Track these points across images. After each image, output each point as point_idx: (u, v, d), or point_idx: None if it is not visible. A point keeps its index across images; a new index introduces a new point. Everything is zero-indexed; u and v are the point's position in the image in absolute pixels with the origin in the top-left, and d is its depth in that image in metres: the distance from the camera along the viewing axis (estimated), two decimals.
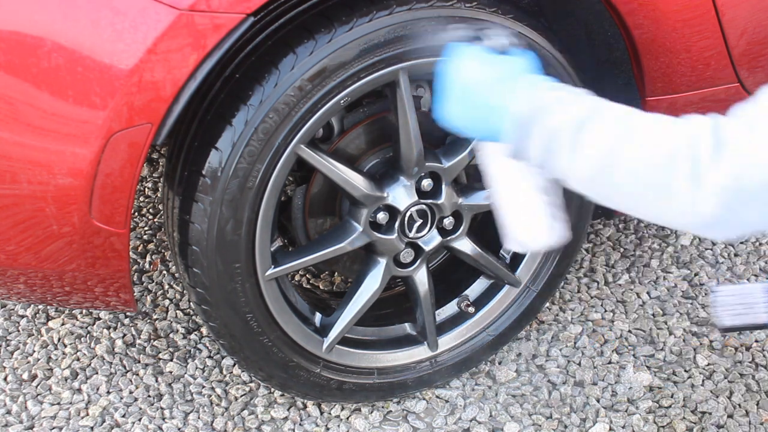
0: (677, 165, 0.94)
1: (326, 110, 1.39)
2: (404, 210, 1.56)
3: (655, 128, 0.99)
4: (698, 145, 0.93)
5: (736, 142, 0.92)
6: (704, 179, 0.92)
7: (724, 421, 1.73)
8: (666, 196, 0.96)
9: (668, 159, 0.95)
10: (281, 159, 1.39)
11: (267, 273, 1.49)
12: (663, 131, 0.98)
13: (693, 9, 1.50)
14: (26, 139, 1.23)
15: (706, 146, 0.93)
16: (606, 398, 1.78)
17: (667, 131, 0.98)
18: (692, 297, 2.04)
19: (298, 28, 1.37)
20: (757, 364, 1.86)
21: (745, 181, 0.91)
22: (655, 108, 1.60)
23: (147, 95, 1.21)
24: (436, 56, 1.25)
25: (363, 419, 1.74)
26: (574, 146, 1.00)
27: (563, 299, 2.02)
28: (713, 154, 0.92)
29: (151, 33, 1.18)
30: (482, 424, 1.73)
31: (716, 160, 0.92)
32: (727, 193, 0.92)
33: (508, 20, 1.47)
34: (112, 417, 1.75)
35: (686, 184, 0.93)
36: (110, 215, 1.31)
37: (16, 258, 1.36)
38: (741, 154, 0.91)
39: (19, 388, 1.82)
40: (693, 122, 0.97)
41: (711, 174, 0.92)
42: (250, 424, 1.73)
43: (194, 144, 1.41)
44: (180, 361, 1.87)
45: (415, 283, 1.67)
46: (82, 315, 1.99)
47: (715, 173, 0.92)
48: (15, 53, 1.18)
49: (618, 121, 1.01)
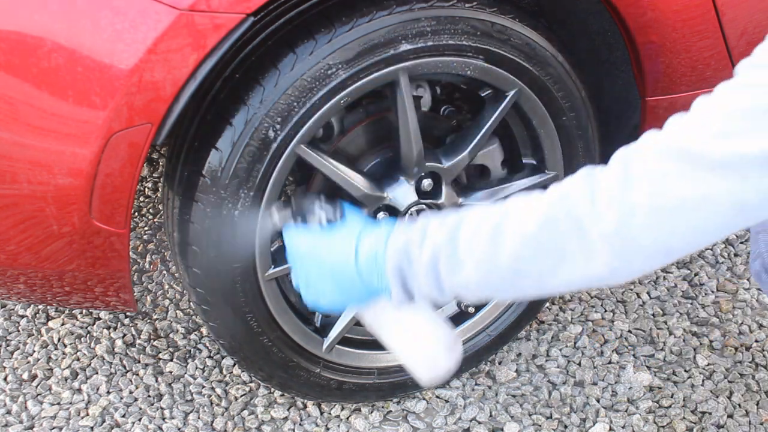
0: (561, 227, 0.93)
1: (326, 110, 1.39)
2: (404, 210, 1.56)
3: (528, 203, 0.97)
4: (576, 203, 0.92)
5: (609, 190, 0.90)
6: (588, 235, 0.91)
7: (724, 421, 1.73)
8: (560, 262, 0.94)
9: (551, 225, 0.93)
10: (281, 159, 1.39)
11: (267, 273, 1.49)
12: (537, 202, 0.96)
13: (693, 9, 1.50)
14: (26, 139, 1.22)
15: (584, 201, 0.91)
16: (606, 398, 1.78)
17: (541, 201, 0.96)
18: (692, 297, 2.04)
19: (298, 28, 1.37)
20: (757, 364, 1.86)
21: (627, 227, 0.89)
22: (655, 108, 1.60)
23: (147, 95, 1.21)
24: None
25: (363, 419, 1.74)
26: (455, 260, 0.98)
27: (563, 299, 2.02)
28: (591, 207, 0.91)
29: (151, 33, 1.18)
30: (482, 424, 1.73)
31: (595, 213, 0.90)
32: (613, 242, 0.90)
33: (508, 20, 1.47)
34: (112, 417, 1.75)
35: (574, 244, 0.92)
36: (110, 215, 1.31)
37: (16, 258, 1.36)
38: (615, 201, 0.89)
39: (19, 388, 1.82)
40: (564, 184, 0.96)
41: (593, 228, 0.90)
42: (250, 424, 1.73)
43: (194, 144, 1.41)
44: (180, 361, 1.87)
45: None
46: (82, 315, 1.99)
47: (596, 227, 0.90)
48: (15, 53, 1.18)
49: (486, 216, 0.99)
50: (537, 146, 1.63)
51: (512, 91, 1.52)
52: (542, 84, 1.53)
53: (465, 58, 1.45)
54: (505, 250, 0.96)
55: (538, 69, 1.51)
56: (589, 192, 0.92)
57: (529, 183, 1.66)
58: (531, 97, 1.54)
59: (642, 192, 0.88)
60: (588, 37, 1.65)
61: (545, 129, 1.59)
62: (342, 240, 1.09)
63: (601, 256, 0.91)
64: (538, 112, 1.57)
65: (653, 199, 0.88)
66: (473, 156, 1.58)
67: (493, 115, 1.54)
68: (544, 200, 0.96)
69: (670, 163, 0.88)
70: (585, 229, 0.91)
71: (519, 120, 1.61)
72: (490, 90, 1.55)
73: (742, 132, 0.84)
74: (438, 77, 1.55)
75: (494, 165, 1.69)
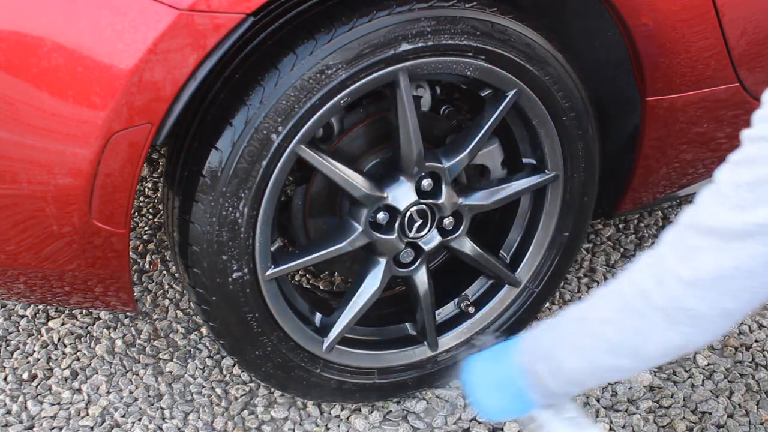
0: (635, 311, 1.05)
1: (326, 110, 1.39)
2: (404, 210, 1.56)
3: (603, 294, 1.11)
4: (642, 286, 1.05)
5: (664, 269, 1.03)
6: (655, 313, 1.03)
7: (724, 421, 1.73)
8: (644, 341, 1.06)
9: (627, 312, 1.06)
10: (281, 159, 1.39)
11: (267, 273, 1.49)
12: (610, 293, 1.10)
13: (693, 9, 1.50)
14: (26, 139, 1.23)
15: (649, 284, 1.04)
16: (606, 398, 1.78)
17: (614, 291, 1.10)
18: None
19: (298, 28, 1.37)
20: (757, 364, 1.86)
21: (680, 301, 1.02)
22: (655, 108, 1.60)
23: (147, 95, 1.21)
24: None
25: (363, 419, 1.74)
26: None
27: (563, 299, 2.02)
28: (654, 288, 1.03)
29: (151, 33, 1.18)
30: (482, 424, 1.73)
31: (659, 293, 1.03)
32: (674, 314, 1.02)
33: (508, 20, 1.47)
34: (112, 417, 1.75)
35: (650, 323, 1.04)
36: (110, 215, 1.31)
37: (16, 258, 1.36)
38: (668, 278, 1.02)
39: (19, 388, 1.82)
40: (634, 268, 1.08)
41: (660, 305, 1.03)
42: (250, 424, 1.73)
43: (194, 144, 1.41)
44: (180, 361, 1.87)
45: (415, 283, 1.67)
46: (82, 315, 1.99)
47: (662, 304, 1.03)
48: (15, 53, 1.19)
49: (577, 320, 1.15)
50: (537, 146, 1.63)
51: (512, 91, 1.52)
52: (542, 84, 1.53)
53: (465, 58, 1.45)
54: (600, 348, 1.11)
55: (538, 69, 1.51)
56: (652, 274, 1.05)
57: (529, 183, 1.66)
58: (531, 97, 1.54)
59: (685, 267, 1.01)
60: (588, 37, 1.65)
61: (545, 129, 1.59)
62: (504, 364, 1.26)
63: (673, 331, 1.04)
64: (538, 112, 1.57)
65: (694, 273, 1.00)
66: (473, 156, 1.58)
67: (493, 115, 1.54)
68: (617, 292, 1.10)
69: (699, 239, 1.00)
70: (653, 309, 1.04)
71: (519, 120, 1.61)
72: (490, 90, 1.55)
73: (750, 204, 0.95)
74: (438, 77, 1.55)
75: (494, 165, 1.69)
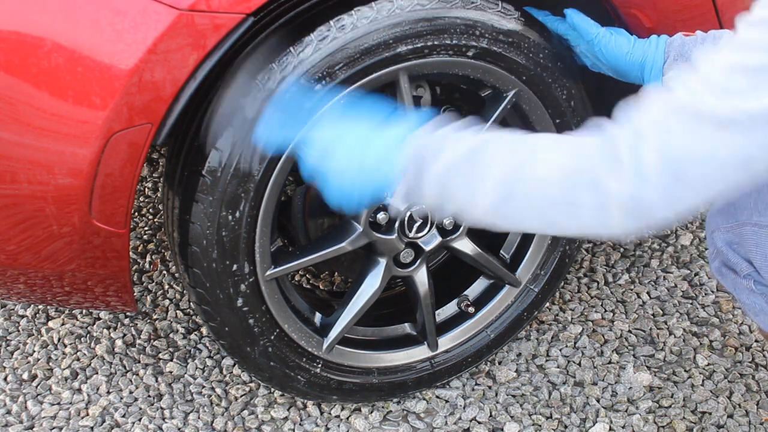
0: (580, 182, 0.96)
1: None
2: (404, 210, 1.56)
3: (554, 150, 1.00)
4: (595, 163, 0.96)
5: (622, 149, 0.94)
6: (606, 197, 0.95)
7: (724, 421, 1.73)
8: (574, 213, 0.97)
9: (571, 177, 0.97)
10: (281, 159, 1.39)
11: (267, 273, 1.49)
12: (560, 153, 0.99)
13: (693, 9, 1.50)
14: (26, 139, 1.23)
15: (602, 163, 0.95)
16: (606, 398, 1.78)
17: (564, 151, 0.99)
18: (692, 297, 2.04)
19: (298, 28, 1.37)
20: (757, 364, 1.86)
21: (641, 196, 0.94)
22: None
23: (147, 95, 1.21)
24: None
25: (363, 419, 1.74)
26: (471, 179, 1.01)
27: (563, 299, 2.02)
28: (609, 172, 0.94)
29: (151, 33, 1.18)
30: (482, 424, 1.73)
31: (614, 178, 0.94)
32: (628, 206, 0.94)
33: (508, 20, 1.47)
34: (112, 417, 1.75)
35: (591, 201, 0.96)
36: (110, 215, 1.31)
37: (16, 258, 1.36)
38: (632, 170, 0.93)
39: (19, 388, 1.82)
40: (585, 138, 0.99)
41: (611, 192, 0.94)
42: (250, 424, 1.73)
43: (194, 144, 1.41)
44: (180, 361, 1.87)
45: (415, 283, 1.67)
46: (82, 315, 1.99)
47: (614, 191, 0.94)
48: (15, 53, 1.19)
49: (513, 146, 1.01)
50: None
51: (512, 91, 1.52)
52: (542, 84, 1.53)
53: (465, 58, 1.45)
54: (523, 190, 0.99)
55: (538, 69, 1.51)
56: (607, 152, 0.95)
57: None
58: (531, 97, 1.54)
59: (651, 149, 0.92)
60: None
61: (545, 129, 1.59)
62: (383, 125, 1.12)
63: (615, 219, 0.95)
64: (538, 111, 1.57)
65: (661, 155, 0.91)
66: None
67: (493, 115, 1.54)
68: (566, 151, 0.98)
69: (675, 120, 0.91)
70: (603, 193, 0.94)
71: (519, 120, 1.61)
72: (489, 90, 1.55)
73: (743, 90, 0.88)
74: (438, 77, 1.55)
75: None
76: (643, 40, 1.43)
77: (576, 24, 1.47)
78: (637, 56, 1.42)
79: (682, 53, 1.39)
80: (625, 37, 1.44)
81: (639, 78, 1.45)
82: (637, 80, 1.45)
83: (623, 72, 1.46)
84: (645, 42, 1.43)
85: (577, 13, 1.47)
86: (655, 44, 1.41)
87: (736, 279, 1.36)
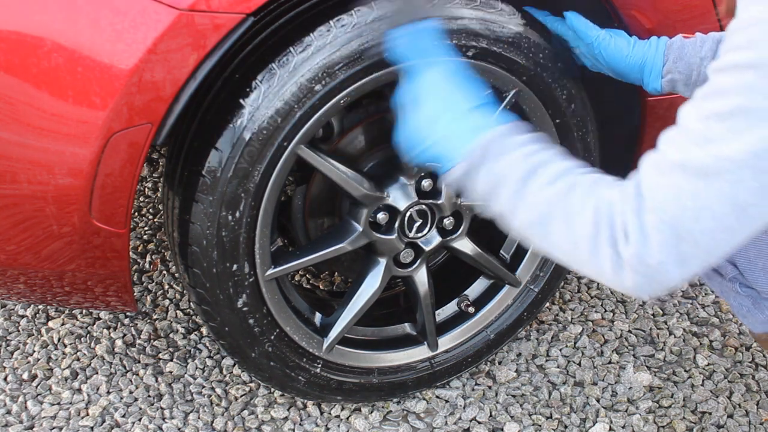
0: (600, 236, 0.98)
1: (326, 110, 1.39)
2: (404, 210, 1.56)
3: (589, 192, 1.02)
4: (614, 222, 0.97)
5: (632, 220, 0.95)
6: (619, 257, 0.97)
7: (724, 421, 1.73)
8: (596, 263, 0.99)
9: (593, 228, 0.98)
10: (281, 159, 1.39)
11: (267, 273, 1.49)
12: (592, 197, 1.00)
13: (693, 9, 1.50)
14: (26, 139, 1.23)
15: (619, 229, 0.96)
16: (606, 398, 1.78)
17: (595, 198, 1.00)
18: (692, 297, 2.04)
19: (298, 28, 1.37)
20: (757, 364, 1.86)
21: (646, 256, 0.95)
22: (655, 108, 1.60)
23: (147, 95, 1.21)
24: None
25: (363, 419, 1.74)
26: (519, 194, 1.04)
27: (563, 299, 2.02)
28: (621, 232, 0.96)
29: (151, 33, 1.18)
30: (482, 424, 1.73)
31: (622, 239, 0.96)
32: (636, 267, 0.96)
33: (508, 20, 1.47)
34: (112, 417, 1.75)
35: (610, 256, 0.97)
36: (110, 215, 1.31)
37: (16, 258, 1.36)
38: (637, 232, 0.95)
39: (19, 388, 1.82)
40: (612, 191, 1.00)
41: (620, 251, 0.96)
42: (250, 424, 1.73)
43: (194, 144, 1.41)
44: (180, 361, 1.87)
45: (415, 283, 1.67)
46: (82, 315, 1.99)
47: (622, 251, 0.96)
48: (15, 53, 1.19)
49: (559, 176, 1.03)
50: None
51: (512, 91, 1.52)
52: (542, 84, 1.53)
53: (465, 58, 1.45)
54: (553, 222, 1.02)
55: (538, 69, 1.51)
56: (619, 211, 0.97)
57: None
58: (531, 96, 1.54)
59: (649, 210, 0.94)
60: None
61: (545, 129, 1.59)
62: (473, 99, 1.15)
63: (628, 280, 0.97)
64: (538, 112, 1.57)
65: (658, 215, 0.93)
66: None
67: None
68: (591, 204, 0.99)
69: (665, 179, 0.93)
70: (619, 252, 0.96)
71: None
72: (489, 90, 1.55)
73: (721, 136, 0.89)
74: None
75: None
76: (642, 41, 1.44)
77: (575, 27, 1.47)
78: (636, 58, 1.43)
79: (681, 55, 1.39)
80: (625, 39, 1.44)
81: (639, 80, 1.45)
82: (637, 82, 1.46)
83: (623, 74, 1.46)
84: (645, 44, 1.43)
85: (576, 16, 1.47)
86: (654, 46, 1.42)
87: (722, 282, 1.37)
